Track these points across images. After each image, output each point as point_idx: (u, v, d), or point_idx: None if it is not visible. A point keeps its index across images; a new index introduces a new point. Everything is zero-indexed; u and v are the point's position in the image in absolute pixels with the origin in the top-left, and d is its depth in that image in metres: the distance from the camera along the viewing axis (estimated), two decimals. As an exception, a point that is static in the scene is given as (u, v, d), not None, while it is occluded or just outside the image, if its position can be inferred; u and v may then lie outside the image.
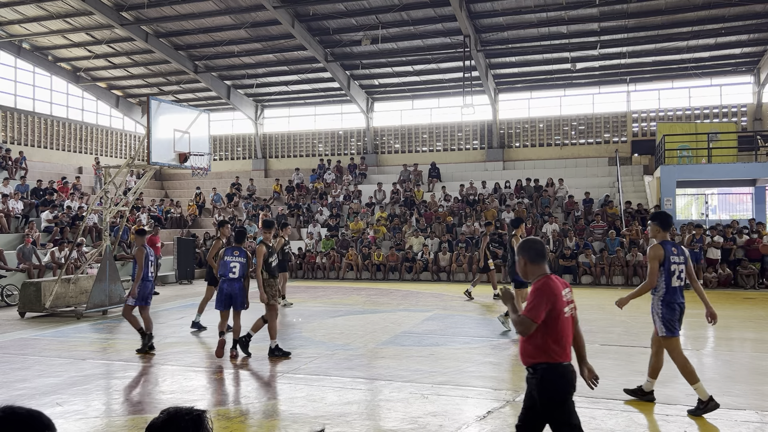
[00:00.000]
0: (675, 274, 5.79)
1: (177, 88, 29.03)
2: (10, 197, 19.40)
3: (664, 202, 20.35)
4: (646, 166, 24.73)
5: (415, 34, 22.98)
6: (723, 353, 8.85)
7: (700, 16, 20.90)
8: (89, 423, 5.92)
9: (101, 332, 11.12)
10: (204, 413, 2.21)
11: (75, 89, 28.07)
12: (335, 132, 30.12)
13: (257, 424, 5.85)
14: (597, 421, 5.71)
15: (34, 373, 8.07)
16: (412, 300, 15.00)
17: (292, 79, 27.64)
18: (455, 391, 6.78)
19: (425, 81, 27.33)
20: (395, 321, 11.65)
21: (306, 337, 10.18)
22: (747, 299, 14.72)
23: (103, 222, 14.21)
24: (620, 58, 24.05)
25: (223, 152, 31.62)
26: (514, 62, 25.19)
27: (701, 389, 5.73)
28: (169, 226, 24.31)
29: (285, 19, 21.61)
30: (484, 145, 27.65)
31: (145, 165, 13.86)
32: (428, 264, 20.18)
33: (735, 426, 5.58)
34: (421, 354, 8.75)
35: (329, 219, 23.60)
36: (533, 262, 3.87)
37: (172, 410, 2.18)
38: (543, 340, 3.70)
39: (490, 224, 15.73)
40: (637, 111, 26.15)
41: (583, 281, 18.47)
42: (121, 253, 18.88)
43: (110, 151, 29.61)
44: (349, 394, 6.73)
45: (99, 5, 21.34)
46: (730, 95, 25.23)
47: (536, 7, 20.79)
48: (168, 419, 2.15)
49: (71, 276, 14.00)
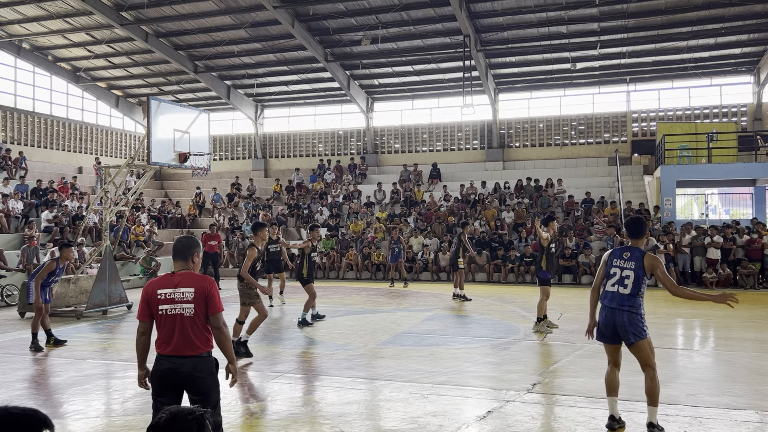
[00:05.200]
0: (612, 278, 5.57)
1: (177, 88, 29.03)
2: (10, 197, 19.39)
3: (664, 202, 20.37)
4: (646, 166, 24.73)
5: (415, 34, 22.97)
6: (723, 353, 8.85)
7: (700, 16, 20.89)
8: (89, 423, 5.92)
9: (101, 332, 11.12)
10: (205, 413, 2.21)
11: (75, 89, 28.06)
12: (335, 132, 30.11)
13: (257, 423, 5.85)
14: (597, 421, 5.71)
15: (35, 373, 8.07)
16: (412, 300, 15.00)
17: (292, 79, 27.64)
18: (455, 391, 6.78)
19: (425, 81, 27.33)
20: (395, 321, 11.65)
21: (306, 337, 10.18)
22: (747, 299, 14.72)
23: (103, 222, 14.21)
24: (620, 58, 24.05)
25: (223, 152, 31.62)
26: (514, 62, 25.19)
27: (611, 404, 5.58)
28: (169, 226, 24.32)
29: (285, 19, 21.61)
30: (484, 145, 27.65)
31: (145, 165, 13.88)
32: (428, 264, 20.18)
33: (735, 426, 5.58)
34: (421, 354, 8.75)
35: (329, 219, 23.60)
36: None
37: (174, 410, 2.18)
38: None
39: (467, 224, 15.64)
40: (637, 111, 26.15)
41: (583, 281, 18.47)
42: (121, 253, 18.88)
43: (110, 151, 29.59)
44: (349, 394, 6.72)
45: (99, 5, 21.33)
46: (730, 95, 25.23)
47: (536, 7, 20.79)
48: (170, 419, 2.15)
49: (71, 276, 14.00)
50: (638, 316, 5.37)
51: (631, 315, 5.35)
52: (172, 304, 4.09)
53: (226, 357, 4.26)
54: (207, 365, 4.12)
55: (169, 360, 4.05)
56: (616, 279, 5.45)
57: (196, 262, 4.31)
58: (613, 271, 5.50)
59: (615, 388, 5.55)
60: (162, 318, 4.10)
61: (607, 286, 5.51)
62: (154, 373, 4.11)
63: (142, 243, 20.47)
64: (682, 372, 7.71)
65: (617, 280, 5.45)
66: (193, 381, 4.07)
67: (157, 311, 4.12)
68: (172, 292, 4.12)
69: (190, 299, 4.10)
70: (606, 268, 5.57)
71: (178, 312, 4.08)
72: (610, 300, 5.46)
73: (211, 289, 4.17)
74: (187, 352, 4.05)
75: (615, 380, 5.56)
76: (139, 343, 4.24)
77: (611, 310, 5.42)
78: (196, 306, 4.10)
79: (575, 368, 7.80)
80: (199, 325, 4.11)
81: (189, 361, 4.05)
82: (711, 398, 6.46)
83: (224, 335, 4.20)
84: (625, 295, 5.38)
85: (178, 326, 4.07)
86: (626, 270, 5.42)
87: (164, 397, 4.01)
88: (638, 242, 5.59)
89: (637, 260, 5.41)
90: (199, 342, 4.09)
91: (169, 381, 4.06)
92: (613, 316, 5.40)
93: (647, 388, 5.37)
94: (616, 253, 5.61)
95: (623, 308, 5.36)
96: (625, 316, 5.35)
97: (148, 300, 4.16)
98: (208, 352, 4.16)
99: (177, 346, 4.05)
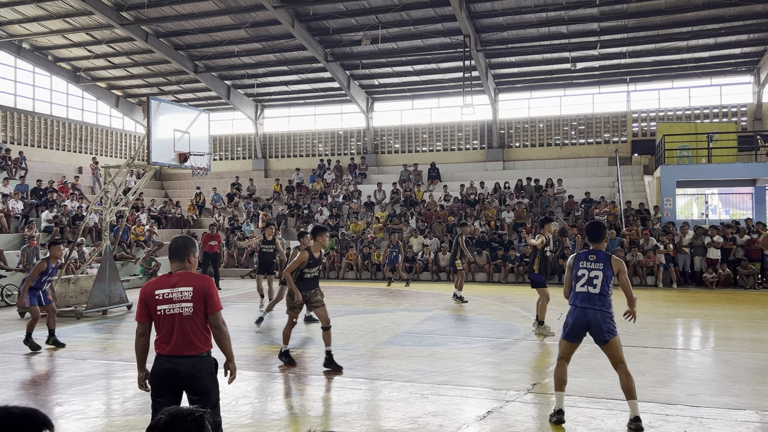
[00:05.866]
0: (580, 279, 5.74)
1: (177, 88, 29.03)
2: (10, 197, 19.39)
3: (664, 202, 20.37)
4: (646, 166, 24.72)
5: (415, 34, 22.97)
6: (723, 353, 8.85)
7: (700, 16, 20.89)
8: (89, 423, 5.92)
9: (101, 332, 11.12)
10: (205, 414, 2.21)
11: (75, 89, 28.05)
12: (335, 132, 30.11)
13: (257, 423, 5.85)
14: (597, 421, 5.71)
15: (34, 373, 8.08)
16: (412, 300, 15.00)
17: (292, 79, 27.64)
18: (455, 391, 6.78)
19: (425, 81, 27.33)
20: (395, 321, 11.65)
21: (306, 337, 10.18)
22: (747, 299, 14.71)
23: (103, 222, 14.21)
24: (620, 58, 24.05)
25: (223, 152, 31.62)
26: (514, 62, 25.19)
27: (559, 398, 5.71)
28: (169, 226, 24.32)
29: (285, 19, 21.61)
30: (484, 145, 27.65)
31: (145, 165, 13.86)
32: (428, 264, 20.19)
33: (735, 426, 5.58)
34: (421, 354, 8.75)
35: (329, 219, 23.60)
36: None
37: (173, 411, 2.17)
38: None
39: (465, 224, 15.56)
40: (637, 111, 26.15)
41: (583, 281, 18.44)
42: (121, 253, 18.88)
43: (110, 151, 29.60)
44: (349, 394, 6.72)
45: (99, 5, 21.33)
46: (730, 95, 25.23)
47: (536, 7, 20.79)
48: (169, 421, 2.14)
49: (71, 276, 14.00)
50: (609, 314, 5.59)
51: (603, 314, 5.54)
52: (171, 304, 4.09)
53: (225, 355, 4.26)
54: (206, 365, 4.11)
55: (169, 360, 4.05)
56: (585, 280, 5.64)
57: (193, 262, 4.30)
58: (581, 272, 5.70)
59: (565, 382, 5.75)
60: (160, 318, 4.10)
61: (576, 288, 5.69)
62: (154, 373, 4.11)
63: (142, 243, 20.48)
64: (682, 372, 7.70)
65: (586, 281, 5.63)
66: (193, 381, 4.06)
67: (155, 311, 4.12)
68: (170, 291, 4.11)
69: (189, 298, 4.09)
70: (573, 270, 5.78)
71: (176, 312, 4.08)
72: (581, 300, 5.63)
73: (210, 287, 4.17)
74: (186, 351, 4.05)
75: (566, 375, 5.77)
76: (139, 345, 4.23)
77: (583, 310, 5.59)
78: (194, 305, 4.10)
79: (575, 368, 7.78)
80: (198, 325, 4.11)
81: (188, 360, 4.05)
82: (711, 398, 6.45)
83: (223, 334, 4.20)
84: (596, 294, 5.57)
85: (176, 326, 4.06)
86: (594, 271, 5.62)
87: (163, 398, 4.01)
88: (600, 245, 5.82)
89: (605, 262, 5.63)
90: (199, 341, 4.09)
91: (168, 381, 4.06)
92: (586, 315, 5.57)
93: (625, 384, 5.54)
94: (581, 256, 5.82)
95: (595, 308, 5.55)
96: (599, 315, 5.53)
97: (146, 301, 4.15)
98: (208, 351, 4.15)
99: (176, 346, 4.04)
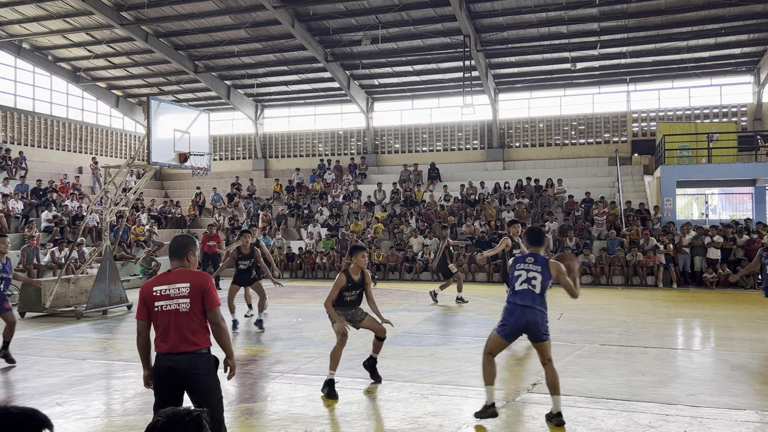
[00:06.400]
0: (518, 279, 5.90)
1: (177, 88, 29.03)
2: (10, 197, 19.40)
3: (664, 202, 20.36)
4: (646, 166, 24.72)
5: (415, 34, 22.97)
6: (723, 353, 8.84)
7: (700, 16, 20.89)
8: (89, 423, 5.92)
9: (101, 332, 11.12)
10: (203, 413, 2.21)
11: (75, 89, 28.05)
12: (335, 132, 30.11)
13: (257, 424, 5.85)
14: (597, 421, 5.71)
15: (34, 373, 8.07)
16: (412, 300, 14.99)
17: (292, 79, 27.64)
18: (455, 391, 6.78)
19: (425, 81, 27.32)
20: (395, 321, 11.59)
21: (306, 337, 10.18)
22: (747, 299, 14.71)
23: (103, 222, 14.21)
24: (620, 58, 24.05)
25: (223, 152, 31.62)
26: (514, 62, 25.19)
27: (490, 392, 5.80)
28: (169, 226, 24.32)
29: (285, 19, 21.61)
30: (484, 145, 27.64)
31: (145, 165, 13.85)
32: (428, 264, 20.18)
33: (735, 426, 5.58)
34: (421, 354, 8.75)
35: (329, 219, 23.60)
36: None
37: (171, 412, 2.17)
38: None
39: (446, 228, 15.50)
40: (637, 111, 26.14)
41: (583, 281, 18.47)
42: (121, 253, 18.87)
43: (110, 151, 29.60)
44: (349, 394, 6.72)
45: (99, 5, 21.33)
46: (730, 95, 25.23)
47: (536, 7, 20.78)
48: (168, 421, 2.14)
49: (71, 276, 14.00)
50: (545, 315, 5.75)
51: (542, 314, 5.70)
52: (168, 300, 4.08)
53: (224, 351, 4.25)
54: (205, 362, 4.09)
55: (167, 358, 4.04)
56: (523, 279, 5.79)
57: (192, 261, 4.29)
58: (518, 273, 5.85)
59: (496, 375, 5.88)
60: (158, 315, 4.09)
61: (516, 287, 5.82)
62: (154, 372, 4.10)
63: (142, 243, 20.48)
64: (682, 372, 7.70)
65: (524, 280, 5.78)
66: (191, 378, 4.04)
67: (153, 308, 4.11)
68: (167, 288, 4.11)
69: (186, 294, 4.08)
70: (510, 271, 5.97)
71: (173, 308, 4.07)
72: (522, 298, 5.74)
73: (207, 283, 4.16)
74: (183, 348, 4.03)
75: (496, 369, 5.89)
76: (140, 343, 4.23)
77: (524, 309, 5.69)
78: (191, 301, 4.08)
79: (575, 368, 7.80)
80: (196, 321, 4.09)
81: (185, 357, 4.03)
82: (711, 398, 6.45)
83: (222, 330, 4.19)
84: (537, 294, 5.71)
85: (173, 322, 4.05)
86: (532, 272, 5.78)
87: (164, 397, 4.00)
88: (538, 249, 5.98)
89: (543, 265, 5.80)
90: (196, 338, 4.07)
91: (167, 379, 4.05)
92: (526, 315, 5.68)
93: (551, 380, 5.69)
94: (519, 259, 6.00)
95: (536, 307, 5.68)
96: (538, 315, 5.68)
97: (145, 299, 4.15)
98: (207, 348, 4.13)
99: (174, 343, 4.03)
